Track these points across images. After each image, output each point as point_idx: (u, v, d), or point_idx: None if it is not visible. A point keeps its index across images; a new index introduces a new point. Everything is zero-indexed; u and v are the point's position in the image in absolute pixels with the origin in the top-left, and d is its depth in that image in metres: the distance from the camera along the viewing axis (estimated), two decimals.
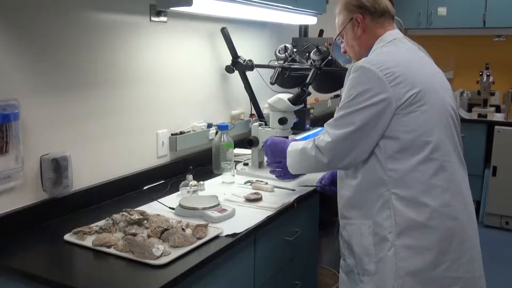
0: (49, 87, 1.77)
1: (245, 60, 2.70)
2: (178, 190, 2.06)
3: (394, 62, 1.54)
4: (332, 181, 2.00)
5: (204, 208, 1.78)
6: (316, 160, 1.62)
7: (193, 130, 2.49)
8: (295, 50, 2.73)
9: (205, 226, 1.62)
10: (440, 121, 1.55)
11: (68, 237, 1.60)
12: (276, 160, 1.98)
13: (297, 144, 1.79)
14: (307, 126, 3.10)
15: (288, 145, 1.85)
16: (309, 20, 3.00)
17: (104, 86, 1.99)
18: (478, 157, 4.32)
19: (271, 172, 2.15)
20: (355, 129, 1.53)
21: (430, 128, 1.52)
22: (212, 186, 2.16)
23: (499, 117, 4.36)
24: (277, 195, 2.06)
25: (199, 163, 2.45)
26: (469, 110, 4.62)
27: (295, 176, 2.17)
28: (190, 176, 2.06)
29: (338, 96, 4.01)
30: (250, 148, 2.37)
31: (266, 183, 2.15)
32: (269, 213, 1.84)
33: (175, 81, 2.37)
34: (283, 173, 2.13)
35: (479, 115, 4.41)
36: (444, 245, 1.52)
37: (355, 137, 1.53)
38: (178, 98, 2.41)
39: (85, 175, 1.93)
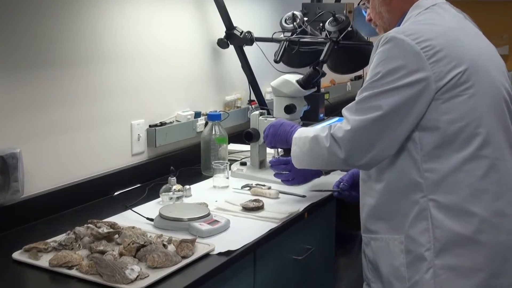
0: None
1: (242, 31, 2.69)
2: (158, 197, 2.06)
3: (435, 32, 1.53)
4: (353, 185, 2.00)
5: (191, 219, 1.78)
6: (330, 153, 1.61)
7: (177, 121, 2.49)
8: (305, 19, 2.72)
9: (192, 241, 1.62)
10: (491, 108, 1.54)
11: (18, 255, 1.59)
12: (276, 146, 1.95)
13: (307, 131, 1.78)
14: (321, 115, 3.10)
15: (296, 130, 1.85)
16: None
17: (64, 65, 1.98)
18: None
19: (276, 175, 2.14)
20: (381, 115, 1.52)
21: (479, 117, 1.52)
22: (200, 192, 2.16)
23: None
24: (282, 202, 2.05)
25: (184, 162, 2.45)
26: None
27: (306, 180, 2.17)
28: (173, 179, 2.06)
29: (360, 77, 4.00)
30: (249, 144, 2.37)
31: (269, 188, 2.15)
32: (273, 225, 1.84)
33: (154, 58, 2.37)
34: (292, 177, 2.12)
35: None
36: (497, 265, 1.52)
37: (381, 126, 1.52)
38: (158, 80, 2.40)
39: (40, 177, 1.93)
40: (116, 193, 2.15)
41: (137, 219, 1.85)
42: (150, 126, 2.36)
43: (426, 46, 1.50)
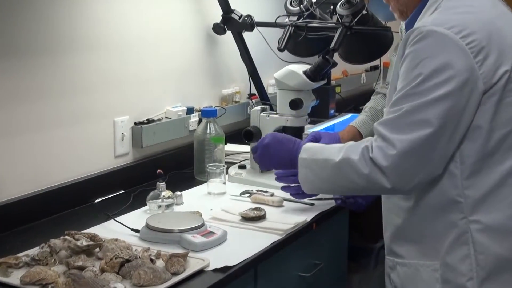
0: None
1: (241, 15, 2.70)
2: (144, 205, 2.07)
3: (478, 23, 1.49)
4: None
5: (182, 231, 1.78)
6: (369, 182, 1.53)
7: (166, 118, 2.49)
8: (314, 1, 2.72)
9: (184, 256, 1.62)
10: None
11: None
12: (281, 168, 1.86)
13: (322, 151, 1.67)
14: (332, 111, 3.10)
15: (301, 147, 1.74)
16: None
17: (38, 55, 1.98)
18: None
19: (284, 188, 2.06)
20: (432, 132, 1.46)
21: None
22: (193, 199, 2.17)
23: None
24: (287, 211, 2.06)
25: (174, 165, 2.45)
26: None
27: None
28: (161, 184, 2.06)
29: (376, 67, 4.00)
30: (249, 144, 2.37)
31: (272, 194, 2.15)
32: (277, 237, 1.85)
33: (140, 47, 2.37)
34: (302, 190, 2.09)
35: None
36: None
37: (432, 144, 1.47)
38: (145, 71, 2.40)
39: (10, 182, 1.93)
40: (96, 201, 2.15)
41: (121, 230, 1.86)
42: (135, 123, 2.36)
43: (471, 41, 1.46)
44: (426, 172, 1.51)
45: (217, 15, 2.70)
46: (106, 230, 1.87)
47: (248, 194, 2.17)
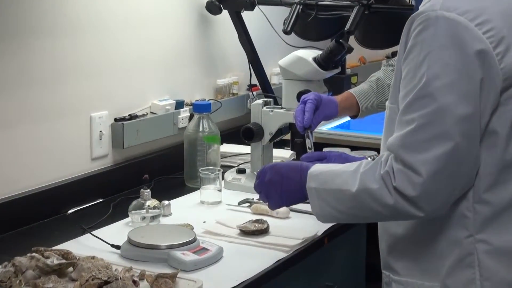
0: None
1: None
2: (126, 216, 2.07)
3: (496, 7, 1.47)
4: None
5: (171, 247, 1.79)
6: (396, 212, 1.52)
7: (152, 113, 2.50)
8: None
9: (172, 277, 1.63)
10: None
11: None
12: (295, 204, 1.82)
13: (333, 177, 1.62)
14: None
15: (307, 173, 1.66)
16: None
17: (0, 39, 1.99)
18: None
19: None
20: (455, 145, 1.43)
21: None
22: (183, 209, 2.18)
23: None
24: (294, 224, 2.06)
25: (161, 169, 2.46)
26: None
27: None
28: (146, 192, 2.06)
29: None
30: (249, 144, 2.37)
31: None
32: (282, 254, 1.85)
33: (121, 29, 2.37)
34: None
35: None
36: None
37: (459, 157, 1.45)
38: (127, 58, 2.41)
39: None
40: (70, 211, 2.16)
41: (99, 246, 1.86)
42: (116, 120, 2.37)
43: (488, 29, 1.44)
44: (460, 187, 1.50)
45: None
46: (81, 246, 1.87)
47: (248, 204, 2.17)
